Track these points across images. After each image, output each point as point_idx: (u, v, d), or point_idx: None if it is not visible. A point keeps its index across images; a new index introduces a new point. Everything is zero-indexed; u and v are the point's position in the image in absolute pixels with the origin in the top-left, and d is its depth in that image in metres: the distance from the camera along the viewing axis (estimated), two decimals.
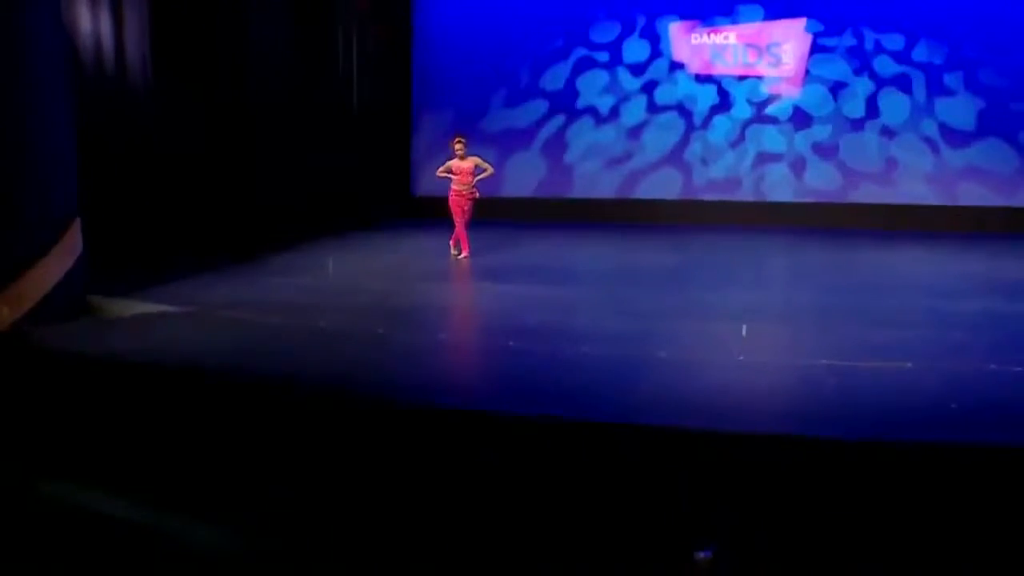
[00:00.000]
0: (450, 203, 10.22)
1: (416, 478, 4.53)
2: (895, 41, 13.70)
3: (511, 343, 6.47)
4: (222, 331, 6.81)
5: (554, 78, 14.85)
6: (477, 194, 10.24)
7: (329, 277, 9.30)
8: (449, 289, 8.89)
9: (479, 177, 10.18)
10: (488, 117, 14.90)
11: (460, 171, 10.14)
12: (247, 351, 6.23)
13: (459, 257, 10.06)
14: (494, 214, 13.01)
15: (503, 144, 14.62)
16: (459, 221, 10.16)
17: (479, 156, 10.38)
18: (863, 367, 5.75)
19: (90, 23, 8.50)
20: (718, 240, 12.45)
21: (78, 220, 7.19)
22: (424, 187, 15.07)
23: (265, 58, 11.37)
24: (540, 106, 14.90)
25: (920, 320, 7.30)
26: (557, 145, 14.84)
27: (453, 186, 10.19)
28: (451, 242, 10.28)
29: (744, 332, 6.86)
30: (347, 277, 9.29)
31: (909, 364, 5.78)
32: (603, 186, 14.71)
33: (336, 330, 6.85)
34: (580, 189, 14.70)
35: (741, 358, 6.12)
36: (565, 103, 14.77)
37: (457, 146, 10.18)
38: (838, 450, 4.21)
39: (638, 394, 5.29)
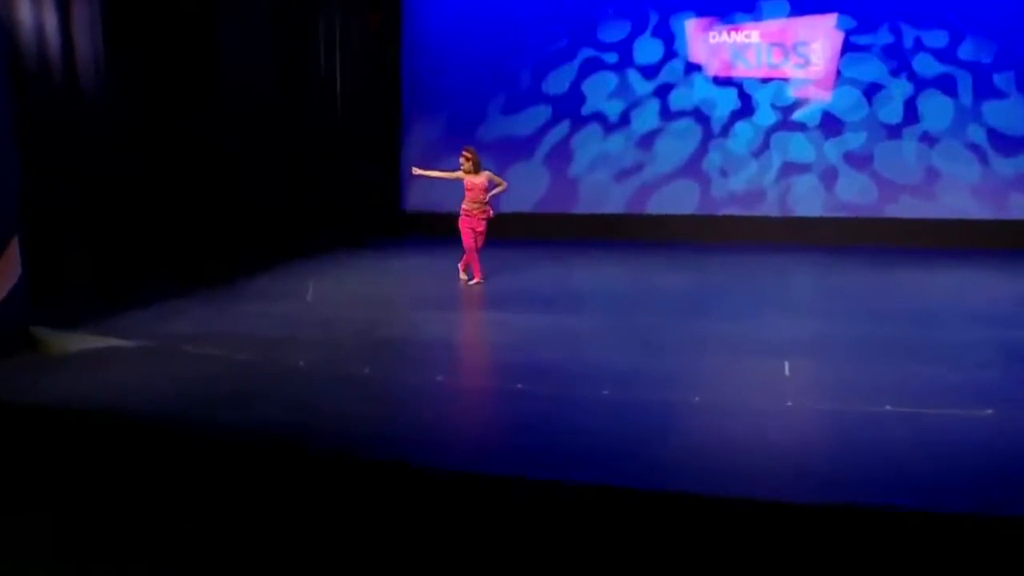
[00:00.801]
0: (460, 224, 9.84)
1: (405, 554, 4.00)
2: (938, 38, 13.55)
3: (520, 385, 6.06)
4: (185, 370, 6.42)
5: (558, 81, 14.66)
6: (491, 213, 9.89)
7: (309, 305, 9.00)
8: (446, 319, 8.51)
9: (492, 193, 9.85)
10: (485, 124, 14.73)
11: (472, 187, 9.80)
12: (214, 395, 5.82)
13: (470, 284, 9.76)
14: (491, 232, 12.62)
15: (502, 154, 14.42)
16: (469, 244, 9.81)
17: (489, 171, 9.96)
18: (936, 414, 5.26)
19: (32, 16, 8.04)
20: (740, 260, 12.25)
21: (16, 240, 6.78)
22: (415, 201, 14.96)
23: (237, 57, 11.07)
24: (542, 112, 14.72)
25: (988, 355, 6.85)
26: (561, 155, 14.67)
27: (463, 204, 9.83)
28: (460, 266, 10.00)
29: (787, 370, 6.46)
30: (330, 305, 9.00)
31: (990, 411, 5.29)
32: (612, 200, 14.53)
33: (317, 370, 6.47)
34: (586, 204, 14.55)
35: (789, 403, 5.64)
36: (570, 109, 14.60)
37: (462, 160, 9.82)
38: (927, 526, 3.67)
39: (670, 451, 4.87)
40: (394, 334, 7.82)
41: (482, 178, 9.80)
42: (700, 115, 14.30)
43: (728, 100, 14.22)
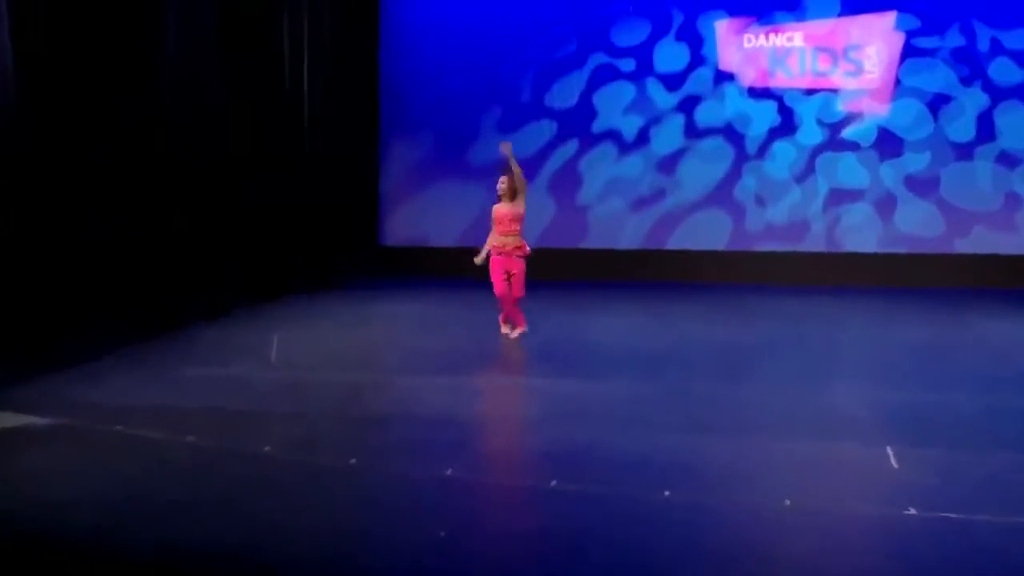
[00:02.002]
0: (491, 265, 9.31)
1: None
2: (1019, 39, 13.44)
3: (553, 483, 5.27)
4: (113, 461, 5.64)
5: (564, 93, 14.51)
6: (527, 249, 9.35)
7: (274, 366, 8.43)
8: (447, 386, 7.73)
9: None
10: (478, 144, 14.53)
11: (499, 219, 9.26)
12: (150, 499, 5.03)
13: (511, 336, 9.28)
14: (483, 270, 12.88)
15: (496, 180, 13.29)
16: (500, 291, 9.27)
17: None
18: None
19: None
20: (782, 306, 12.10)
21: None
22: (395, 234, 14.92)
23: (186, 61, 10.49)
24: (546, 129, 14.55)
25: None
26: (568, 180, 14.50)
27: (491, 240, 9.33)
28: (500, 320, 9.50)
29: (893, 458, 5.73)
30: (299, 366, 8.41)
31: None
32: (628, 233, 14.38)
33: (288, 459, 5.68)
34: (597, 237, 14.44)
35: (912, 511, 4.89)
36: (579, 125, 14.47)
37: (501, 185, 9.30)
38: None
39: None
40: (384, 407, 7.15)
41: (511, 208, 9.24)
42: (732, 133, 14.18)
43: (766, 115, 14.08)
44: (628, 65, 14.25)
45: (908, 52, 13.56)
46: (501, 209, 9.23)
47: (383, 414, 6.95)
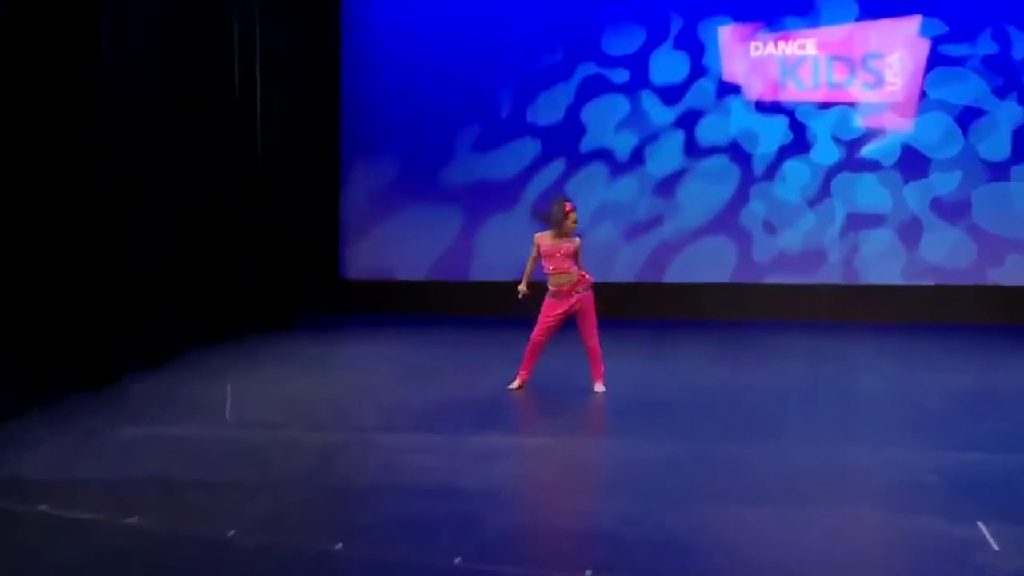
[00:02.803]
0: (543, 307, 9.04)
1: None
2: None
3: (588, 573, 4.62)
4: (37, 549, 5.03)
5: (549, 107, 14.44)
6: (589, 279, 9.07)
7: (230, 422, 7.92)
8: (440, 445, 7.18)
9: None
10: (452, 165, 14.51)
11: (550, 253, 8.93)
12: None
13: (512, 388, 9.04)
14: (458, 306, 13.31)
15: (473, 204, 14.38)
16: (537, 331, 9.04)
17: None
18: None
19: None
20: (798, 345, 12.06)
21: None
22: (358, 267, 14.77)
23: (126, 73, 10.16)
24: (528, 148, 14.46)
25: None
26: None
27: (550, 283, 9.02)
28: (521, 374, 9.14)
29: (990, 537, 5.15)
30: (261, 421, 7.94)
31: None
32: (621, 265, 14.19)
33: (257, 547, 5.03)
34: (587, 269, 13.33)
35: None
36: (565, 144, 14.39)
37: (572, 215, 8.90)
38: None
39: None
40: (369, 475, 6.56)
41: (570, 244, 8.94)
42: (738, 152, 14.12)
43: (775, 132, 14.03)
44: (621, 76, 14.16)
45: (934, 61, 13.53)
46: (559, 246, 8.90)
47: (368, 484, 6.33)
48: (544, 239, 8.91)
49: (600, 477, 6.47)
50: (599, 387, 8.93)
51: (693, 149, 14.01)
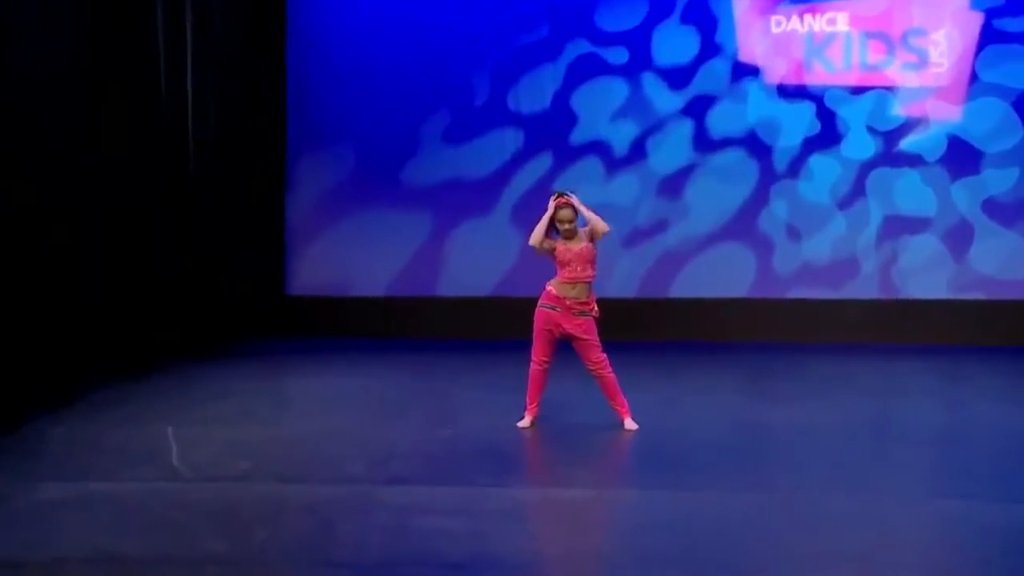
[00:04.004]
0: (536, 322, 8.76)
1: None
2: None
3: None
4: None
5: (534, 93, 14.10)
6: (594, 309, 8.71)
7: (180, 473, 7.31)
8: (450, 500, 6.79)
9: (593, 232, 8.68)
10: (417, 160, 14.14)
11: (567, 259, 8.59)
12: None
13: (522, 426, 8.75)
14: (425, 328, 13.43)
15: (443, 207, 14.07)
16: (535, 365, 8.70)
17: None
18: None
19: None
20: (828, 371, 11.78)
21: None
22: (306, 282, 14.42)
23: (39, 63, 10.02)
24: (509, 140, 14.15)
25: None
26: (539, 207, 12.97)
27: (550, 287, 8.68)
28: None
29: None
30: (219, 471, 7.42)
31: None
32: (618, 277, 13.78)
33: None
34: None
35: None
36: (553, 135, 14.07)
37: (563, 211, 8.63)
38: None
39: None
40: (376, 541, 5.98)
41: (583, 246, 8.63)
42: (757, 144, 13.84)
43: (801, 121, 13.75)
44: (618, 56, 13.86)
45: (988, 37, 13.28)
46: (571, 249, 8.59)
47: (381, 556, 5.72)
48: (560, 244, 8.59)
49: (657, 541, 5.94)
50: (631, 423, 8.61)
51: (704, 141, 13.76)
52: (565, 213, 8.50)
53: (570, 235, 8.60)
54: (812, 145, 13.59)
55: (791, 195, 13.64)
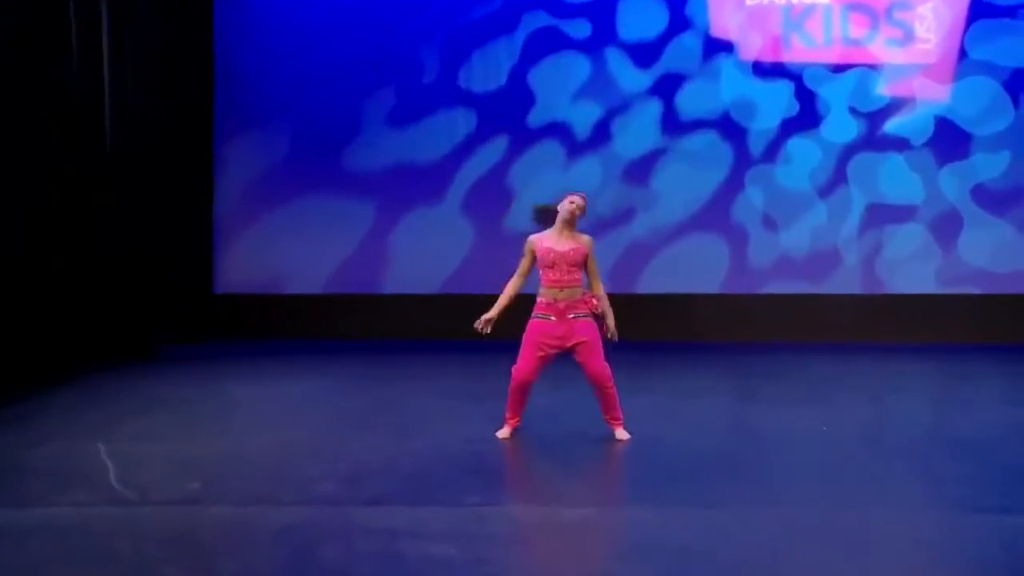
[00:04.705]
0: (528, 332, 8.48)
1: None
2: None
3: None
4: None
5: (488, 70, 14.00)
6: (595, 303, 8.50)
7: (121, 494, 6.88)
8: (441, 520, 6.46)
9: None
10: (359, 144, 14.02)
11: (550, 261, 8.31)
12: None
13: (501, 436, 8.56)
14: (369, 328, 13.49)
15: (387, 195, 13.93)
16: (524, 375, 8.42)
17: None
18: None
19: None
20: (807, 372, 11.73)
21: None
22: (235, 279, 14.24)
23: None
24: (460, 122, 14.04)
25: None
26: (493, 195, 13.96)
27: (540, 296, 8.44)
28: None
29: None
30: (169, 492, 6.99)
31: None
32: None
33: None
34: (532, 280, 13.86)
35: None
36: (508, 116, 13.98)
37: (571, 204, 8.28)
38: None
39: None
40: (363, 572, 5.64)
41: (577, 244, 8.34)
42: (730, 127, 13.82)
43: (778, 101, 13.70)
44: (580, 30, 13.79)
45: (977, 11, 13.35)
46: (560, 245, 8.28)
47: None
48: (543, 241, 8.30)
49: (677, 567, 5.68)
50: (623, 433, 8.42)
51: (673, 124, 13.71)
52: (579, 201, 8.17)
53: (571, 227, 8.24)
54: (790, 127, 13.53)
55: (767, 182, 13.56)
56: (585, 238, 8.45)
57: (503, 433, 8.40)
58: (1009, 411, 9.80)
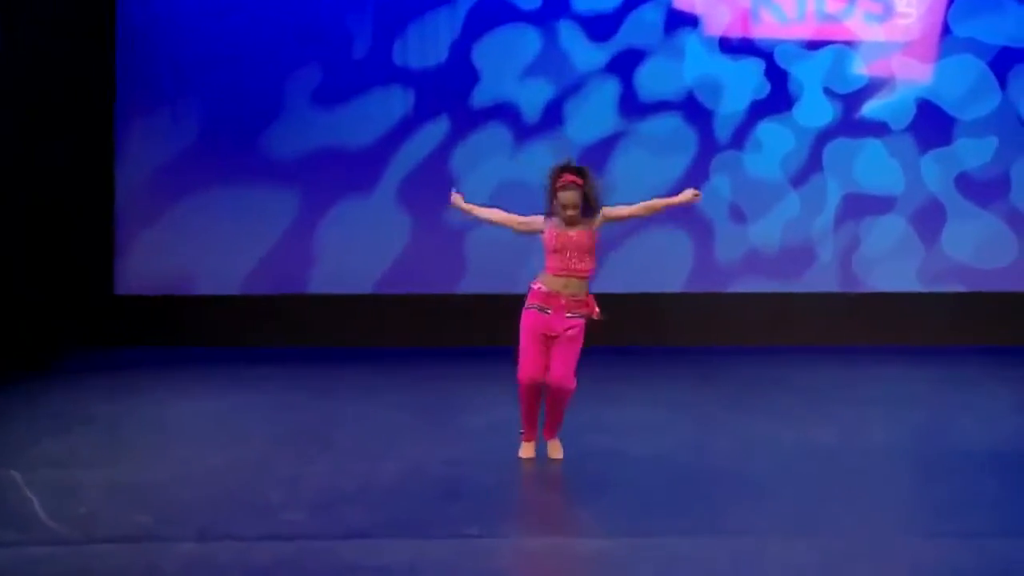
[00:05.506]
0: (524, 327, 8.19)
1: None
2: None
3: None
4: None
5: (426, 44, 13.81)
6: (593, 310, 8.20)
7: (56, 532, 6.46)
8: (445, 556, 6.15)
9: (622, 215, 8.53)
10: (280, 126, 13.73)
11: (558, 246, 8.06)
12: None
13: (523, 455, 8.32)
14: (293, 333, 13.31)
15: (313, 183, 13.71)
16: (532, 375, 8.07)
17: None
18: None
19: None
20: (780, 378, 11.67)
21: None
22: (140, 279, 13.79)
23: None
24: (396, 102, 13.76)
25: None
26: (433, 184, 13.42)
27: (538, 283, 8.14)
28: (524, 430, 8.40)
29: None
30: (111, 527, 6.57)
31: None
32: (530, 270, 12.76)
33: None
34: (480, 277, 13.81)
35: None
36: (449, 96, 13.83)
37: (566, 193, 8.00)
38: None
39: None
40: None
41: (582, 233, 8.06)
42: (695, 109, 13.75)
43: (747, 81, 13.67)
44: (529, 0, 13.61)
45: None
46: (567, 235, 8.00)
47: None
48: (549, 224, 8.06)
49: None
50: (557, 451, 8.26)
51: (632, 105, 13.58)
52: (570, 196, 7.84)
53: (571, 222, 7.96)
54: (760, 110, 13.50)
55: (735, 170, 13.51)
56: (592, 222, 8.08)
57: (525, 452, 8.14)
58: (989, 425, 9.68)
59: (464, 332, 13.62)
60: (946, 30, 13.38)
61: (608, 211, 8.28)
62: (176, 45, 13.75)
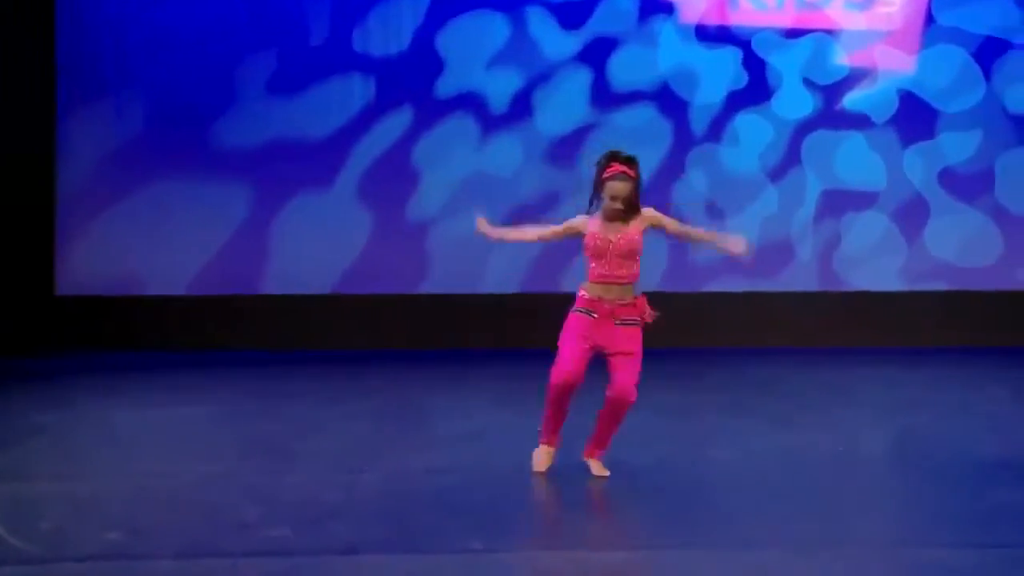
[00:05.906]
0: (568, 326, 7.87)
1: None
2: None
3: None
4: None
5: (388, 31, 13.77)
6: (645, 313, 7.89)
7: (29, 553, 6.17)
8: (452, 572, 6.05)
9: (695, 238, 8.61)
10: (232, 116, 13.67)
11: (599, 251, 7.71)
12: None
13: (537, 462, 8.02)
14: (246, 336, 13.26)
15: (268, 177, 13.58)
16: (567, 378, 7.75)
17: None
18: None
19: None
20: (759, 381, 11.66)
21: None
22: (80, 277, 13.70)
23: None
24: (356, 92, 13.78)
25: None
26: (394, 178, 13.71)
27: (582, 291, 7.85)
28: (544, 440, 8.10)
29: None
30: (73, 542, 6.31)
31: None
32: (496, 269, 13.84)
33: None
34: (444, 276, 13.85)
35: None
36: (412, 85, 13.79)
37: (615, 183, 7.57)
38: None
39: None
40: None
41: (632, 229, 7.69)
42: (670, 100, 13.74)
43: (723, 71, 13.71)
44: None
45: None
46: (610, 237, 7.66)
47: None
48: (591, 224, 7.74)
49: None
50: (601, 469, 7.96)
51: (604, 96, 13.58)
52: (619, 187, 7.44)
53: (614, 216, 7.59)
54: (737, 101, 13.52)
55: (712, 163, 13.54)
56: (640, 217, 7.72)
57: (541, 460, 7.88)
58: (979, 434, 9.47)
59: (428, 334, 13.53)
60: (929, 19, 13.42)
61: (657, 216, 7.90)
62: (120, 30, 13.50)
